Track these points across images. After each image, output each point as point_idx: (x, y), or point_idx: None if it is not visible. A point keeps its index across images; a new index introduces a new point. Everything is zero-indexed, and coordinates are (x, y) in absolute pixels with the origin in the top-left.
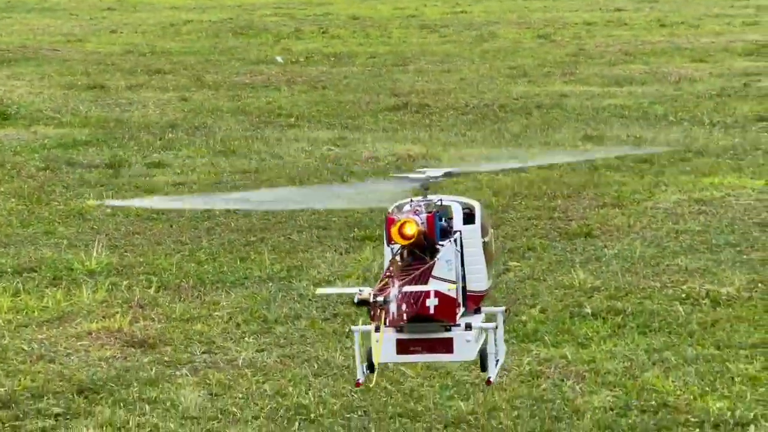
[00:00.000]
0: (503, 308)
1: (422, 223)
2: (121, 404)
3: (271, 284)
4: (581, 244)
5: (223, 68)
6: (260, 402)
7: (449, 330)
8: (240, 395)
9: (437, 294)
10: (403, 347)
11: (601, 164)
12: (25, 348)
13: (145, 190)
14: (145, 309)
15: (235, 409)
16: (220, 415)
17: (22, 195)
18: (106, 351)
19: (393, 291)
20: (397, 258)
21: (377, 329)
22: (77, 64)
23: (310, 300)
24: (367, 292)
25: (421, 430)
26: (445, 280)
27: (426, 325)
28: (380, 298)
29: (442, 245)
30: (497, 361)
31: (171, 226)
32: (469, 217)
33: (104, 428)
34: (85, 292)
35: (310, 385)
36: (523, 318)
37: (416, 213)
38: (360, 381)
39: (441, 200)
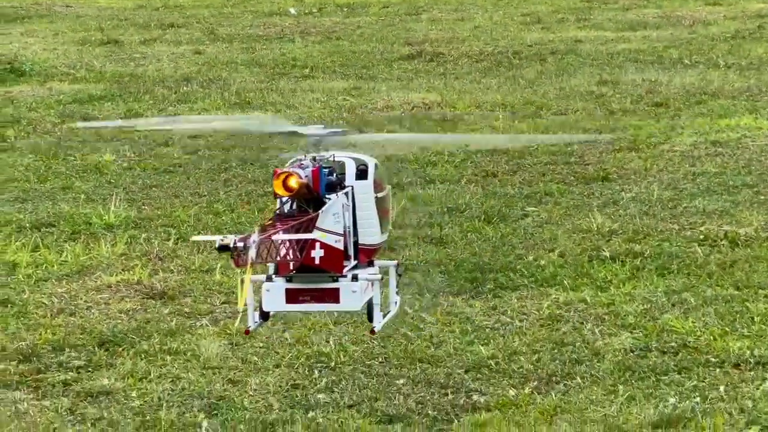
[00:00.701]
0: (396, 262)
1: (306, 177)
2: (142, 355)
3: None
4: (598, 188)
5: (236, 21)
6: (281, 350)
7: (336, 281)
8: (260, 344)
9: (323, 245)
10: (292, 296)
11: (617, 108)
12: (46, 302)
13: (160, 143)
14: (164, 261)
15: (255, 358)
16: (241, 365)
17: (39, 151)
18: (126, 303)
19: (253, 237)
20: (283, 209)
21: (268, 279)
22: (90, 19)
23: None
24: (230, 239)
25: (441, 376)
26: (331, 233)
27: (314, 276)
28: (240, 244)
29: (329, 199)
30: (388, 312)
31: (188, 179)
32: (362, 174)
33: (126, 379)
34: (104, 246)
35: (330, 333)
36: (542, 262)
37: (301, 167)
38: (249, 328)
39: (334, 156)
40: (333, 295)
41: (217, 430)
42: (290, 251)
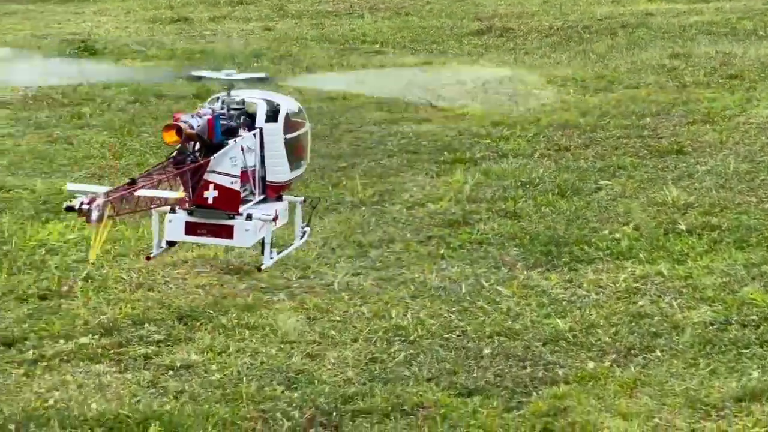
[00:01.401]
0: (302, 198)
1: (199, 126)
2: (220, 330)
3: (363, 209)
4: (673, 162)
5: None
6: (358, 324)
7: (232, 218)
8: (338, 318)
9: (216, 186)
10: (191, 228)
11: (690, 81)
12: (124, 277)
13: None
14: None
15: (333, 333)
16: (318, 339)
17: (114, 128)
18: (202, 278)
19: (98, 201)
20: (175, 154)
21: (172, 210)
22: None
23: (403, 223)
24: (76, 201)
25: (519, 348)
26: (227, 175)
27: (212, 212)
28: (86, 207)
29: (228, 143)
30: (289, 245)
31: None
32: (272, 116)
33: (205, 353)
34: None
35: (408, 306)
36: (617, 236)
37: (199, 116)
38: (152, 255)
39: (244, 100)
40: (228, 232)
41: None
42: (188, 193)
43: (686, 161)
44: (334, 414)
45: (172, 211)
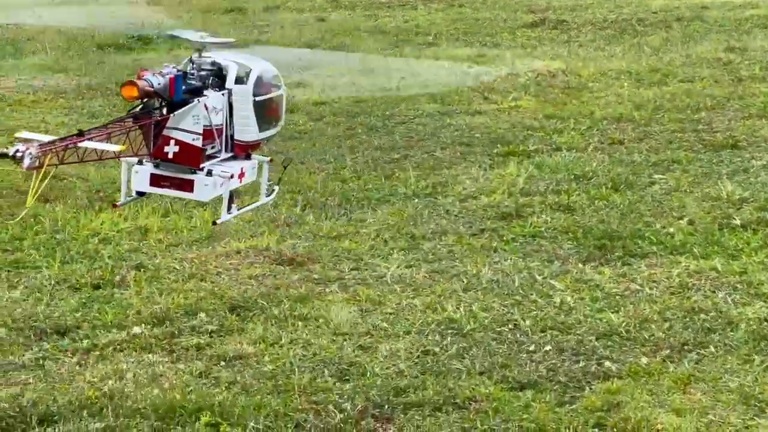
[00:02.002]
0: (268, 158)
1: (159, 84)
2: (273, 321)
3: (416, 201)
4: (727, 156)
5: None
6: (411, 317)
7: (194, 173)
8: (390, 311)
9: (177, 142)
10: (155, 181)
11: (746, 75)
12: (177, 267)
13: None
14: (292, 227)
15: (385, 325)
16: (371, 331)
17: None
18: (255, 269)
19: (31, 149)
20: (138, 110)
21: (139, 162)
22: None
23: (456, 216)
24: (12, 149)
25: (572, 342)
26: (189, 132)
27: (176, 166)
28: (19, 154)
29: (194, 101)
30: (252, 203)
31: (314, 145)
32: (242, 79)
33: (257, 344)
34: None
35: (460, 299)
36: (671, 230)
37: (161, 75)
38: (117, 204)
39: (215, 61)
40: (189, 186)
41: None
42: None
43: (741, 156)
44: (386, 406)
45: (140, 162)
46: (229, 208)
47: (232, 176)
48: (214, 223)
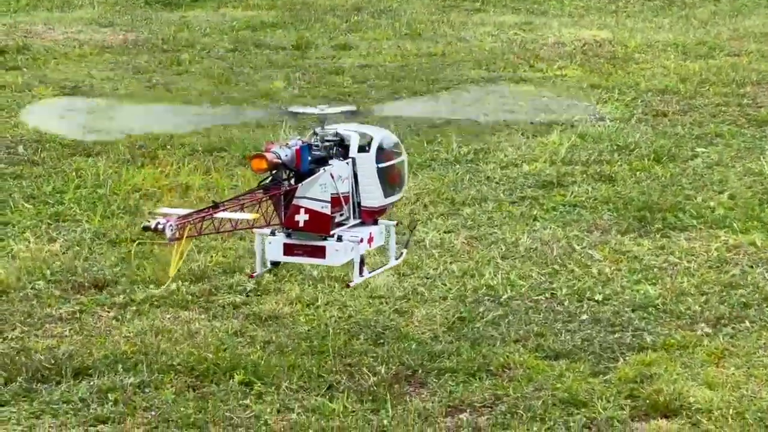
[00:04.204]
0: (395, 222)
1: (286, 156)
2: (310, 282)
3: (457, 166)
4: None
5: None
6: (448, 282)
7: (325, 240)
8: (427, 276)
9: (307, 211)
10: (288, 249)
11: None
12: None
13: (330, 72)
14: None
15: (423, 289)
16: (408, 295)
17: (212, 75)
18: None
19: (170, 222)
20: (267, 181)
21: (272, 233)
22: None
23: (497, 183)
24: (152, 222)
25: (608, 313)
26: (317, 200)
27: (307, 234)
28: (160, 227)
29: (319, 171)
30: (382, 266)
31: (358, 108)
32: (365, 147)
33: (293, 305)
34: None
35: (498, 266)
36: (712, 204)
37: (288, 146)
38: (255, 274)
39: (337, 132)
40: (321, 252)
41: None
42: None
43: None
44: (420, 371)
45: (272, 233)
46: (360, 271)
47: (361, 240)
48: (347, 286)
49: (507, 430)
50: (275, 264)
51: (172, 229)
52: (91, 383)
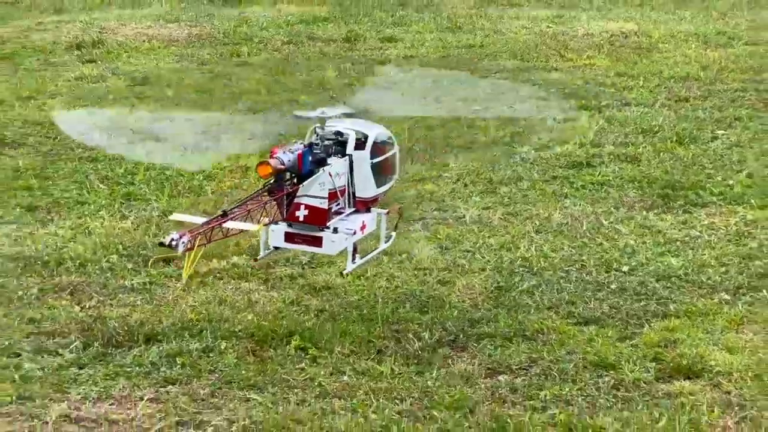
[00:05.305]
0: (386, 211)
1: (289, 161)
2: (360, 255)
3: (495, 148)
4: None
5: None
6: (486, 255)
7: (322, 231)
8: (468, 249)
9: (307, 207)
10: (289, 238)
11: None
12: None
13: (377, 62)
14: None
15: (463, 261)
16: (450, 267)
17: (269, 66)
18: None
19: (183, 238)
20: (271, 185)
21: (274, 222)
22: None
23: (531, 164)
24: (168, 238)
25: (634, 283)
26: (316, 197)
27: (307, 225)
28: (174, 243)
29: (319, 171)
30: (372, 251)
31: (402, 95)
32: (360, 144)
33: (345, 276)
34: None
35: (532, 240)
36: (731, 182)
37: (291, 151)
38: (259, 257)
39: (339, 131)
40: (318, 242)
41: None
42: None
43: None
44: (461, 336)
45: (275, 223)
46: (353, 258)
47: (354, 232)
48: (342, 274)
49: (541, 391)
50: (276, 248)
51: (184, 245)
52: (161, 348)
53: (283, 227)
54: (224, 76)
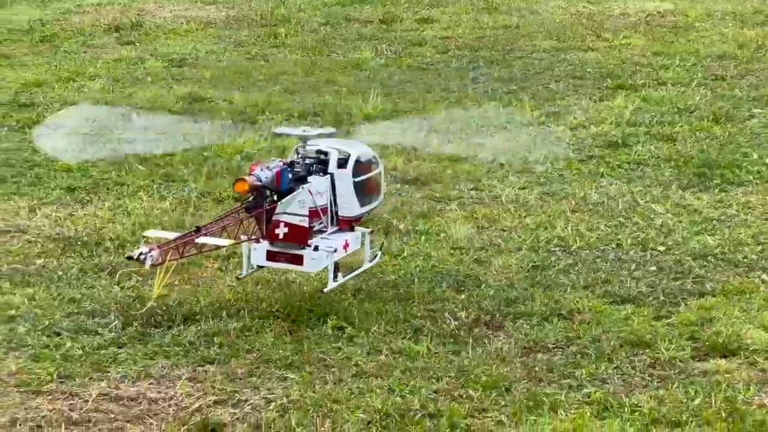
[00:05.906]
0: (369, 230)
1: (267, 178)
2: (396, 235)
3: (531, 128)
4: None
5: None
6: (523, 234)
7: (303, 249)
8: (504, 228)
9: (287, 224)
10: (271, 256)
11: None
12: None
13: (414, 43)
14: (417, 150)
15: (500, 241)
16: (486, 246)
17: (306, 47)
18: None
19: (154, 252)
20: (249, 202)
21: (256, 240)
22: None
23: (567, 143)
24: (136, 252)
25: (670, 262)
26: (296, 215)
27: (288, 243)
28: (142, 257)
29: (298, 189)
30: (357, 268)
31: (439, 76)
32: (342, 163)
33: (382, 256)
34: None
35: (568, 219)
36: (767, 161)
37: (269, 169)
38: (241, 276)
39: (320, 149)
40: (299, 260)
41: None
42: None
43: None
44: (498, 315)
45: (256, 241)
46: (335, 277)
47: (335, 250)
48: (322, 292)
49: (578, 369)
50: (261, 267)
51: (152, 259)
52: (199, 328)
53: (264, 245)
54: (261, 56)
